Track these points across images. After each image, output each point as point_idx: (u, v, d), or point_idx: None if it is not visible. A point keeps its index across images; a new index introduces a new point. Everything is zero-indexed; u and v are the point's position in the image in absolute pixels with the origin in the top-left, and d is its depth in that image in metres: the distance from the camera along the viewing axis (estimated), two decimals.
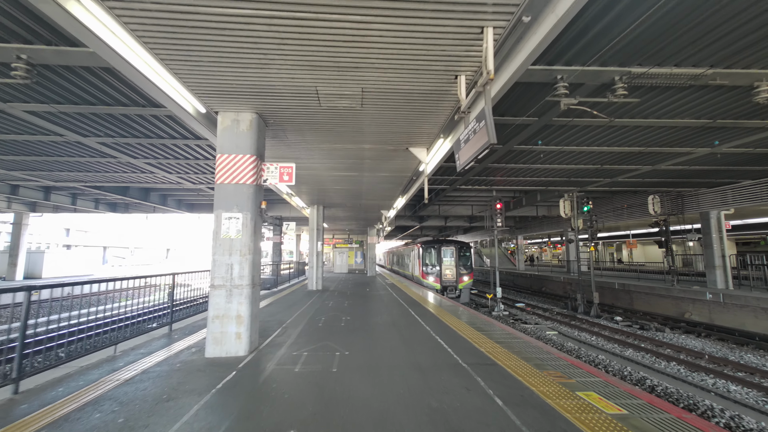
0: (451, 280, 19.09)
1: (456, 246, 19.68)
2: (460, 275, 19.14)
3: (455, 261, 19.29)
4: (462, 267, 19.38)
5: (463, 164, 4.42)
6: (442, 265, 19.13)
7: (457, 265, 19.29)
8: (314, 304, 11.00)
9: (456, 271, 19.15)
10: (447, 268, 19.13)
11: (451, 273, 19.18)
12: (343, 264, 28.34)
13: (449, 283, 18.99)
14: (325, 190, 12.53)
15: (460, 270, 19.22)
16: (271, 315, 8.91)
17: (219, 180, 5.61)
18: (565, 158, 11.55)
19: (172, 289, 6.95)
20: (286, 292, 14.54)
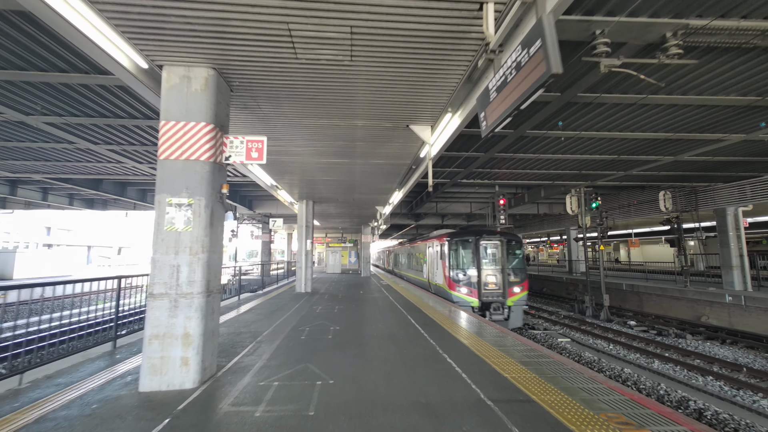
0: (497, 292, 12.29)
1: (503, 240, 12.81)
2: (509, 285, 12.31)
3: (502, 262, 12.57)
4: (512, 272, 12.55)
5: (492, 124, 3.10)
6: (482, 269, 12.44)
7: (504, 270, 12.47)
8: (300, 309, 9.62)
9: (503, 279, 12.36)
10: (490, 273, 12.45)
11: (496, 281, 12.40)
12: (336, 264, 26.94)
13: (494, 297, 12.24)
14: (313, 182, 11.15)
15: (508, 277, 12.41)
16: (246, 325, 7.52)
17: (163, 155, 4.22)
18: (580, 146, 10.30)
19: (117, 295, 5.53)
20: (272, 294, 13.14)
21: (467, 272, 12.74)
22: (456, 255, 13.07)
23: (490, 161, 12.08)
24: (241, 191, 20.19)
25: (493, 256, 12.82)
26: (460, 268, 12.87)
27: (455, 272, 12.79)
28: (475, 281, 12.55)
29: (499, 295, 12.37)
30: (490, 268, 12.62)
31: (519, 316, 12.36)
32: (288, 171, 9.67)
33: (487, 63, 3.62)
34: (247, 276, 23.22)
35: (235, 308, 9.72)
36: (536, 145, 10.30)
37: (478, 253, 12.77)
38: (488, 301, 12.26)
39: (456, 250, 13.15)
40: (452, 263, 12.99)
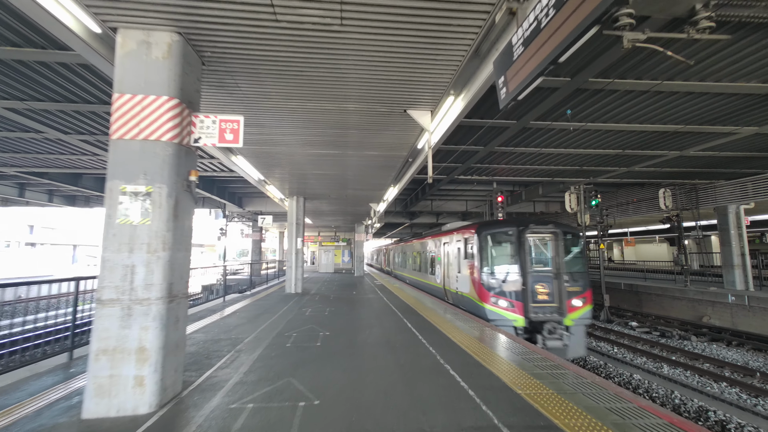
0: (551, 306, 8.69)
1: (558, 232, 9.20)
2: (567, 295, 8.72)
3: (557, 264, 8.97)
4: (571, 277, 8.87)
5: (516, 88, 2.48)
6: (529, 274, 8.80)
7: (560, 274, 8.85)
8: (289, 311, 8.93)
9: (560, 288, 8.79)
10: (541, 280, 8.82)
11: (549, 291, 8.81)
12: (329, 263, 26.24)
13: (546, 313, 8.62)
14: (304, 177, 10.46)
15: (566, 284, 8.81)
16: (227, 330, 6.82)
17: (116, 134, 3.53)
18: (585, 140, 9.75)
19: (75, 299, 4.81)
20: (260, 295, 12.42)
21: (507, 278, 8.83)
22: (491, 253, 9.26)
23: (489, 156, 11.50)
24: (230, 188, 19.38)
25: (544, 254, 9.15)
26: (497, 271, 9.01)
27: (490, 277, 8.97)
28: (519, 291, 8.68)
29: (554, 310, 8.54)
30: (542, 272, 8.83)
31: (581, 340, 8.57)
32: (275, 163, 8.97)
33: (508, 17, 2.99)
34: (236, 276, 22.44)
35: (219, 311, 9.01)
36: (539, 138, 9.74)
37: (523, 250, 8.87)
38: (539, 319, 8.43)
39: (491, 246, 9.32)
40: (485, 265, 9.14)
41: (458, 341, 5.96)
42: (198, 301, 10.11)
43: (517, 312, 8.58)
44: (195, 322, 7.56)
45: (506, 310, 8.63)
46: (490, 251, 9.31)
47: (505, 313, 8.61)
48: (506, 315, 8.59)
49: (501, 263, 9.13)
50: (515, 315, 8.57)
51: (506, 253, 9.19)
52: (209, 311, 8.90)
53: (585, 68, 6.02)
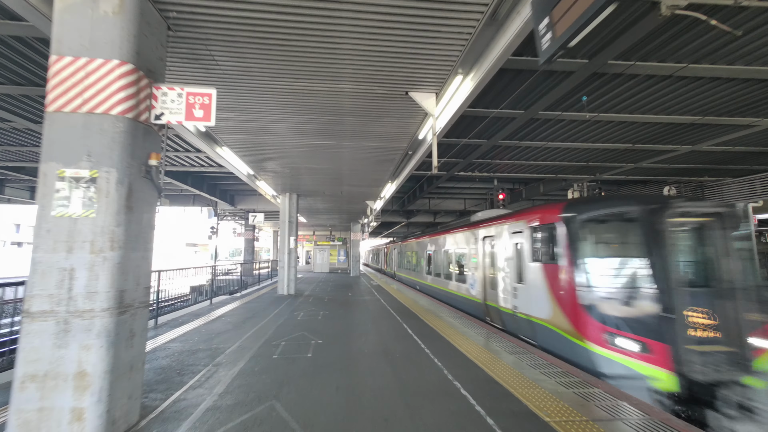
0: (724, 350, 4.41)
1: (725, 218, 5.04)
2: (749, 328, 4.48)
3: (729, 273, 4.77)
4: (753, 297, 4.64)
5: (569, 30, 1.82)
6: (679, 289, 4.59)
7: (733, 291, 4.65)
8: (279, 316, 8.24)
9: (736, 316, 4.55)
10: (700, 301, 4.63)
11: (718, 322, 4.55)
12: (324, 263, 25.54)
13: (719, 365, 4.32)
14: (296, 172, 9.77)
15: (745, 308, 4.56)
16: (208, 338, 6.12)
17: (53, 105, 2.83)
18: (593, 133, 9.15)
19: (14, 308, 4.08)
20: (251, 297, 11.71)
21: (633, 297, 4.79)
22: (598, 252, 5.32)
23: (492, 150, 10.88)
24: (221, 185, 18.62)
25: (703, 257, 5.23)
26: (612, 285, 4.99)
27: (599, 296, 4.95)
28: (658, 320, 4.59)
29: (734, 359, 4.42)
30: (702, 287, 4.90)
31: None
32: (265, 156, 8.27)
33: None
34: (228, 276, 21.68)
35: (205, 315, 8.30)
36: (546, 131, 9.13)
37: (662, 246, 4.83)
38: (706, 377, 4.31)
39: (596, 240, 5.40)
40: (586, 272, 5.14)
41: (465, 351, 5.31)
42: (179, 305, 9.38)
43: (661, 363, 4.44)
44: (175, 328, 6.85)
45: (637, 357, 4.53)
46: (597, 249, 5.28)
47: (639, 366, 4.49)
48: (641, 368, 4.48)
49: (620, 271, 5.06)
50: (659, 369, 4.44)
51: (630, 251, 5.13)
52: (193, 315, 8.18)
53: (605, 48, 5.40)
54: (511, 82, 6.58)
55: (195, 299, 13.70)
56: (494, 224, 8.40)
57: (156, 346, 5.51)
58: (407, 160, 8.82)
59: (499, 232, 8.02)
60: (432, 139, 5.17)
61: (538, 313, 6.01)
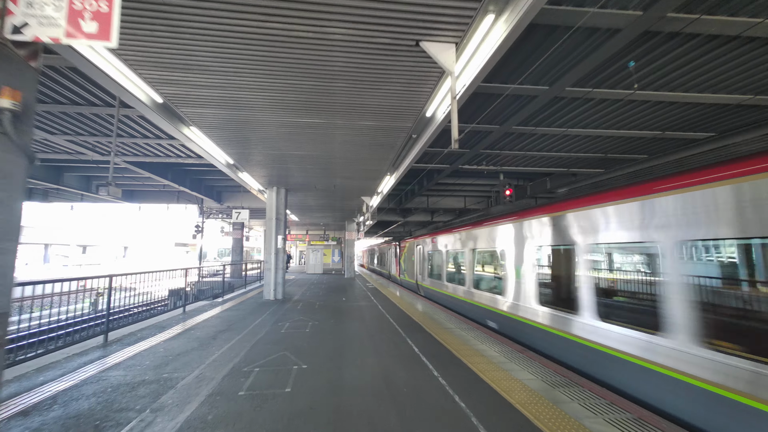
0: None
1: None
2: None
3: None
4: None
5: None
6: None
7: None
8: (260, 327, 6.90)
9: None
10: None
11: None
12: (317, 263, 24.17)
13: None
14: (282, 160, 8.41)
15: None
16: (162, 363, 4.76)
17: None
18: (623, 116, 7.92)
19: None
20: (234, 302, 10.33)
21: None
22: None
23: (502, 139, 9.63)
24: (207, 180, 17.19)
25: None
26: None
27: None
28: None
29: None
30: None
31: None
32: (243, 140, 6.91)
33: None
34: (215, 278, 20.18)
35: (171, 327, 6.93)
36: (568, 114, 7.89)
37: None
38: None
39: None
40: None
41: (496, 385, 4.03)
42: (144, 314, 8.00)
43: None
44: (128, 346, 5.48)
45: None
46: None
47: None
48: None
49: None
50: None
51: None
52: (157, 328, 6.80)
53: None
54: (541, 44, 5.31)
55: (175, 303, 12.32)
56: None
57: (87, 377, 4.14)
58: (410, 146, 7.53)
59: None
60: (451, 103, 3.87)
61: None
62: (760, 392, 2.88)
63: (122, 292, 6.98)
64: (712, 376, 3.24)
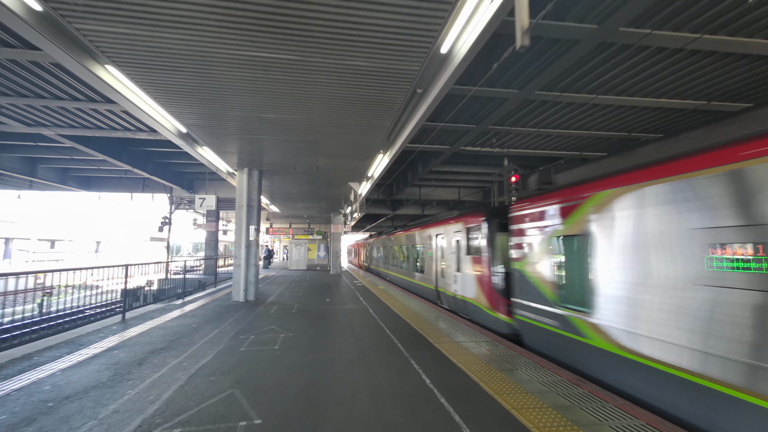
0: None
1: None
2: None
3: None
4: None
5: None
6: None
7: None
8: (211, 345, 5.07)
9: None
10: None
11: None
12: (300, 259, 22.21)
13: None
14: (249, 128, 6.52)
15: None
16: (36, 415, 2.91)
17: None
18: (680, 74, 6.37)
19: None
20: (196, 305, 8.42)
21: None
22: None
23: (519, 109, 8.00)
24: (173, 166, 15.06)
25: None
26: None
27: None
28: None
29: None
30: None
31: None
32: (186, 91, 4.99)
33: None
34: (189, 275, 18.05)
35: (93, 343, 5.04)
36: (610, 72, 6.29)
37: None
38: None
39: None
40: None
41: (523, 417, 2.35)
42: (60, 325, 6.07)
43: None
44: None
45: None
46: None
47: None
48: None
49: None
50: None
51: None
52: (69, 346, 4.88)
53: None
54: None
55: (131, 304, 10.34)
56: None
57: None
58: (413, 107, 5.77)
59: None
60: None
61: None
62: None
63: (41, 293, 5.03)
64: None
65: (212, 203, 9.74)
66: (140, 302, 10.51)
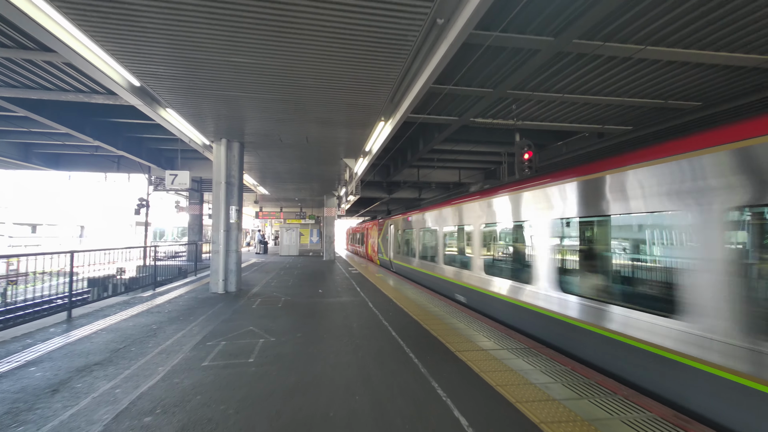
0: None
1: None
2: None
3: None
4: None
5: None
6: None
7: None
8: (167, 356, 3.84)
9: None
10: None
11: None
12: (292, 244, 20.90)
13: None
14: (217, 78, 5.13)
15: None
16: None
17: None
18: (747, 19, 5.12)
19: None
20: (168, 297, 7.16)
21: None
22: None
23: (547, 67, 6.68)
24: (148, 141, 13.50)
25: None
26: None
27: None
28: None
29: None
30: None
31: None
32: (122, 16, 3.60)
33: None
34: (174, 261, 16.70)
35: (15, 354, 3.78)
36: (654, 22, 5.00)
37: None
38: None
39: None
40: None
41: None
42: None
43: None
44: None
45: None
46: None
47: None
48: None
49: None
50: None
51: None
52: None
53: None
54: None
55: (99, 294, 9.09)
56: None
57: None
58: (428, 50, 4.43)
59: None
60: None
61: None
62: None
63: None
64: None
65: (185, 180, 8.35)
66: (108, 293, 9.23)
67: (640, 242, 3.73)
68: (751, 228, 2.60)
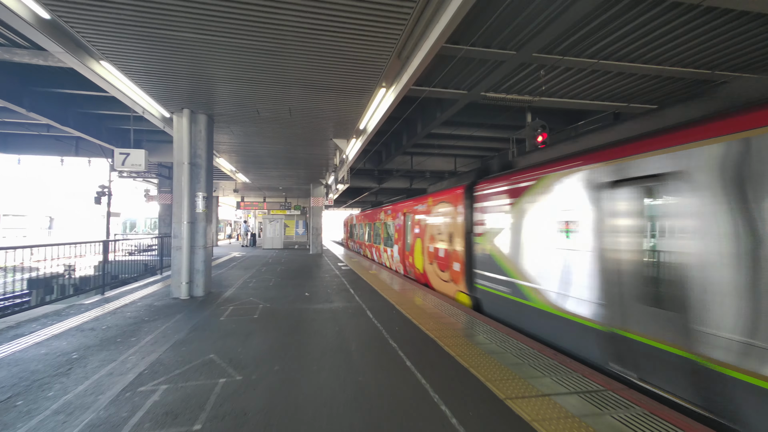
0: None
1: None
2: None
3: None
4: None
5: None
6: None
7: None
8: (78, 412, 2.45)
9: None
10: None
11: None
12: (276, 237, 19.30)
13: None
14: (167, 16, 3.64)
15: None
16: None
17: None
18: None
19: None
20: (115, 304, 5.67)
21: None
22: None
23: (582, 24, 5.41)
24: (108, 120, 11.67)
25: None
26: None
27: None
28: None
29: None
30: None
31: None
32: None
33: None
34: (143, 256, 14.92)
35: None
36: None
37: None
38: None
39: None
40: None
41: None
42: None
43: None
44: None
45: None
46: None
47: None
48: None
49: None
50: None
51: None
52: None
53: None
54: None
55: (41, 299, 7.47)
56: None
57: None
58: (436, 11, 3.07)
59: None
60: None
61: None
62: None
63: None
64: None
65: (140, 161, 6.76)
66: (53, 296, 7.60)
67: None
68: None
